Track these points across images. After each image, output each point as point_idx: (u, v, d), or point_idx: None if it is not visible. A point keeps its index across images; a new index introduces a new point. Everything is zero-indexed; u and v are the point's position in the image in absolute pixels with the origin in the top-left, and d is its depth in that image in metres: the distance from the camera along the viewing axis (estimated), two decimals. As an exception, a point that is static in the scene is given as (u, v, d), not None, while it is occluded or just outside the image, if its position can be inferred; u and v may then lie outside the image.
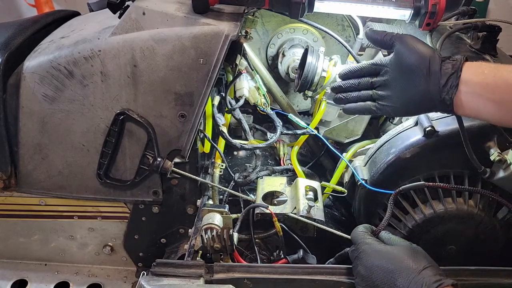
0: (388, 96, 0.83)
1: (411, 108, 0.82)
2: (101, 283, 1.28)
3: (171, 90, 0.99)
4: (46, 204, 1.17)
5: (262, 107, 1.21)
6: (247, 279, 0.83)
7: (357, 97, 0.88)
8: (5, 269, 1.28)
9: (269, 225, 1.02)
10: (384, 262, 0.76)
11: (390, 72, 0.83)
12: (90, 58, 0.99)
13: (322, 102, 1.16)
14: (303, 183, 1.09)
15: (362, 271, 0.78)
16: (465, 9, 1.07)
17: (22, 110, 1.05)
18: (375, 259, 0.77)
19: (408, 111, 0.86)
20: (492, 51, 1.02)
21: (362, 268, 0.79)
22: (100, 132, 1.05)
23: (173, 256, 1.15)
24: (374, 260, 0.77)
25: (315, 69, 1.14)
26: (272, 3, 0.96)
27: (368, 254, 0.79)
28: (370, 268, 0.77)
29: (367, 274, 0.77)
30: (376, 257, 0.78)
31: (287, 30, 1.37)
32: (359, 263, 0.80)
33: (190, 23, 0.96)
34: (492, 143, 0.91)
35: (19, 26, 1.16)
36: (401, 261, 0.75)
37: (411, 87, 0.79)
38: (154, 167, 1.05)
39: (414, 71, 0.78)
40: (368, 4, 1.03)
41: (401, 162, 0.96)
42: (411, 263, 0.74)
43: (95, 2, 1.26)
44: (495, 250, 1.00)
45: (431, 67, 0.77)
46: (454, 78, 0.75)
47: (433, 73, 0.76)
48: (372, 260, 0.78)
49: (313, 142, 1.38)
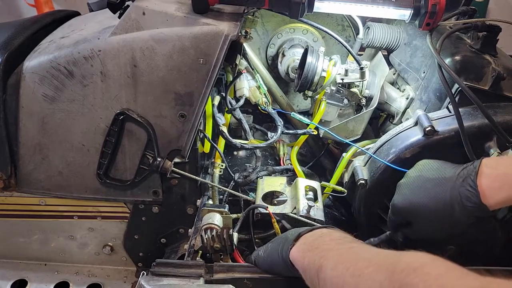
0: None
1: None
2: (101, 283, 1.28)
3: (171, 90, 0.99)
4: (46, 204, 1.17)
5: (263, 106, 1.21)
6: (247, 279, 0.83)
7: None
8: (5, 269, 1.28)
9: (269, 225, 1.02)
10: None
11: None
12: (90, 58, 0.99)
13: (322, 102, 1.16)
14: (303, 183, 1.09)
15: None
16: (465, 9, 1.07)
17: (22, 110, 1.05)
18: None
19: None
20: (492, 51, 1.02)
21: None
22: (100, 132, 1.05)
23: (173, 256, 1.14)
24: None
25: (315, 69, 1.14)
26: (272, 3, 0.96)
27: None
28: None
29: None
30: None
31: (287, 30, 1.37)
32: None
33: (190, 23, 0.96)
34: (492, 143, 0.91)
35: (19, 26, 1.17)
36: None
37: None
38: (154, 167, 1.05)
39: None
40: (368, 4, 1.03)
41: (401, 162, 0.95)
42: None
43: (95, 2, 1.26)
44: (495, 250, 1.00)
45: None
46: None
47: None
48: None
49: (313, 142, 1.38)
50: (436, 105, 1.04)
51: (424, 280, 0.51)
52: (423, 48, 1.14)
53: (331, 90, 1.16)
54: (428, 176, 0.84)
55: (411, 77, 1.17)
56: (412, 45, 1.20)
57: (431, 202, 0.81)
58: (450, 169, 0.82)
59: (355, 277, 0.59)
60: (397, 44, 1.27)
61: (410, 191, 0.85)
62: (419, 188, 0.84)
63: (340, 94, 1.17)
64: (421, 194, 0.82)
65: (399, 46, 1.27)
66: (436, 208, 0.80)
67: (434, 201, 0.80)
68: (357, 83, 1.15)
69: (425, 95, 1.08)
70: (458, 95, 0.96)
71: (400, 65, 1.23)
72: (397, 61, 1.25)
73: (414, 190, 0.84)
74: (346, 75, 1.15)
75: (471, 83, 0.95)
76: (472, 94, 0.89)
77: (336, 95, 1.17)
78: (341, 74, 1.15)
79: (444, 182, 0.80)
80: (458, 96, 0.96)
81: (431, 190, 0.81)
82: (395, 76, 1.28)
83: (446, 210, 0.79)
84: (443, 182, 0.80)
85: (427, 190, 0.82)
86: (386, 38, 1.26)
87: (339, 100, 1.17)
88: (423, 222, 0.84)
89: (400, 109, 1.16)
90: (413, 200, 0.84)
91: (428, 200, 0.81)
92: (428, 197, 0.81)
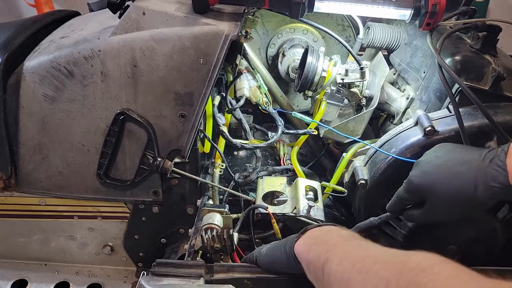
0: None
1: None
2: (101, 283, 1.28)
3: (171, 90, 0.99)
4: (46, 204, 1.17)
5: (264, 105, 1.21)
6: (247, 279, 0.83)
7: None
8: (5, 269, 1.28)
9: (269, 225, 1.02)
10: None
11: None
12: (90, 58, 0.99)
13: (322, 102, 1.16)
14: (303, 183, 1.09)
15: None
16: (465, 9, 1.07)
17: (22, 110, 1.05)
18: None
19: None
20: (492, 51, 1.02)
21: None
22: (100, 132, 1.05)
23: (173, 256, 1.14)
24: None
25: (315, 69, 1.14)
26: (272, 3, 0.96)
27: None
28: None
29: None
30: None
31: (287, 30, 1.37)
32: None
33: (190, 23, 0.96)
34: (492, 143, 0.91)
35: (19, 26, 1.16)
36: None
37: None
38: (154, 167, 1.05)
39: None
40: (368, 4, 1.03)
41: (401, 162, 0.96)
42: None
43: (95, 2, 1.26)
44: (495, 250, 1.00)
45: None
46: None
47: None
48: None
49: (313, 142, 1.38)
50: (436, 105, 1.04)
51: (433, 280, 0.50)
52: (423, 48, 1.14)
53: (331, 90, 1.16)
54: (450, 155, 0.82)
55: (411, 77, 1.17)
56: (412, 45, 1.20)
57: (452, 180, 0.79)
58: (475, 151, 0.81)
59: (362, 274, 0.59)
60: (397, 44, 1.27)
61: (431, 168, 0.82)
62: (440, 166, 0.81)
63: (340, 94, 1.17)
64: (442, 172, 0.80)
65: (399, 46, 1.27)
66: (456, 187, 0.78)
67: (455, 180, 0.78)
68: (357, 83, 1.15)
69: (425, 95, 1.08)
70: (458, 95, 0.96)
71: (400, 65, 1.23)
72: (397, 61, 1.25)
73: (435, 168, 0.82)
74: (346, 75, 1.15)
75: (471, 83, 0.95)
76: (472, 94, 0.89)
77: (336, 95, 1.17)
78: (341, 74, 1.15)
79: (468, 162, 0.78)
80: (458, 96, 0.96)
81: (454, 169, 0.79)
82: (395, 76, 1.28)
83: (467, 189, 0.77)
84: (467, 161, 0.78)
85: (449, 169, 0.80)
86: (386, 38, 1.26)
87: (339, 100, 1.17)
88: (438, 201, 0.82)
89: (400, 109, 1.16)
90: (433, 178, 0.81)
91: (448, 178, 0.79)
92: (449, 176, 0.79)
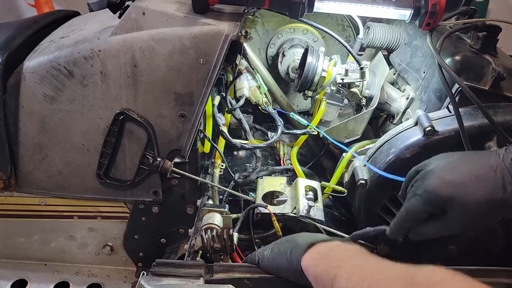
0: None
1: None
2: (101, 283, 1.28)
3: (171, 90, 0.99)
4: (46, 204, 1.17)
5: (263, 106, 1.21)
6: (247, 279, 0.83)
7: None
8: (5, 269, 1.28)
9: (269, 225, 1.02)
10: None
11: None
12: (90, 58, 0.99)
13: (322, 102, 1.17)
14: (303, 183, 1.09)
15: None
16: (465, 9, 1.07)
17: (22, 110, 1.05)
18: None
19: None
20: (492, 51, 1.02)
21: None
22: (100, 132, 1.05)
23: (173, 256, 1.14)
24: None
25: (315, 69, 1.14)
26: (272, 3, 0.96)
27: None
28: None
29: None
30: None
31: (287, 30, 1.37)
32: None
33: (190, 23, 0.96)
34: (492, 143, 0.91)
35: (19, 26, 1.16)
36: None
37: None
38: (154, 167, 1.05)
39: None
40: (368, 4, 1.03)
41: (401, 162, 0.95)
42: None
43: (95, 2, 1.26)
44: (495, 250, 1.00)
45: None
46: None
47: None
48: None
49: (313, 142, 1.38)
50: (436, 105, 1.04)
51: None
52: (423, 48, 1.14)
53: (331, 90, 1.16)
54: (466, 160, 0.76)
55: (411, 77, 1.17)
56: (412, 45, 1.20)
57: (479, 185, 0.72)
58: (485, 153, 0.77)
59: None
60: (397, 44, 1.27)
61: (449, 173, 0.74)
62: (462, 172, 0.73)
63: (340, 94, 1.17)
64: (467, 178, 0.72)
65: (399, 46, 1.27)
66: (485, 191, 0.71)
67: (481, 184, 0.72)
68: (357, 83, 1.15)
69: (425, 95, 1.09)
70: (458, 95, 0.96)
71: (400, 65, 1.23)
72: (397, 61, 1.25)
73: (455, 172, 0.73)
74: (346, 75, 1.15)
75: (471, 83, 0.95)
76: (472, 94, 0.89)
77: (336, 95, 1.17)
78: (341, 74, 1.15)
79: (488, 165, 0.72)
80: (458, 96, 0.96)
81: (477, 173, 0.72)
82: (395, 76, 1.28)
83: (496, 192, 0.71)
84: (487, 164, 0.72)
85: (470, 172, 0.73)
86: (386, 38, 1.26)
87: (339, 100, 1.17)
88: (463, 210, 0.73)
89: (400, 109, 1.16)
90: (456, 182, 0.72)
91: (476, 184, 0.72)
92: (475, 181, 0.72)
